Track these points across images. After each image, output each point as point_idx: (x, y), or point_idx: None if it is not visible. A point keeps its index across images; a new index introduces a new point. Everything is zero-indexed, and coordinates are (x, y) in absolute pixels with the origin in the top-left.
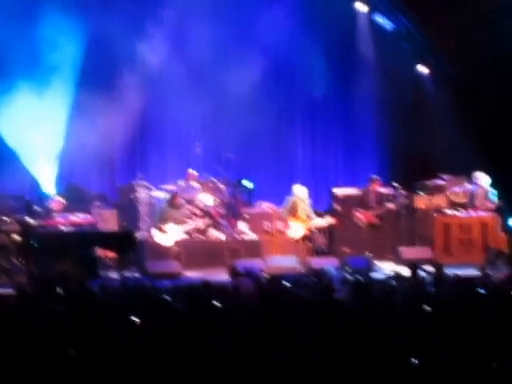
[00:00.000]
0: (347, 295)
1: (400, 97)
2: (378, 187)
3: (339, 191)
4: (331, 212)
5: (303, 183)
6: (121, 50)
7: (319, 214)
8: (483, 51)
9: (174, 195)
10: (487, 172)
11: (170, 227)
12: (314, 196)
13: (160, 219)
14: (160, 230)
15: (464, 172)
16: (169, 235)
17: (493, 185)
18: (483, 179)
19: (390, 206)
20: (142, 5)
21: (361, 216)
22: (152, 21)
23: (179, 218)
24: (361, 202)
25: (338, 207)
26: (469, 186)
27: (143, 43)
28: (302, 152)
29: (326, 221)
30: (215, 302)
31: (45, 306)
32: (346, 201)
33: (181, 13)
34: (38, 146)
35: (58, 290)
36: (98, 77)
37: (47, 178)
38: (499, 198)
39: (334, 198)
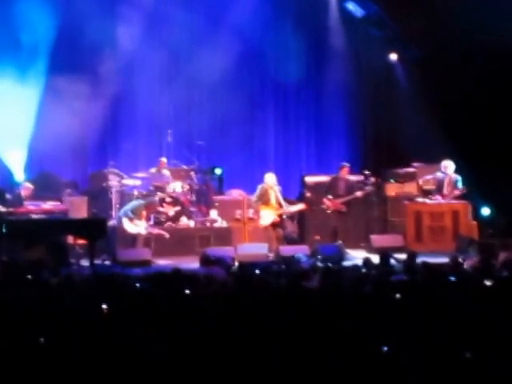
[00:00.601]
0: (317, 282)
1: (371, 83)
2: (346, 174)
3: (310, 179)
4: (302, 199)
5: (274, 170)
6: (94, 35)
7: (290, 202)
8: (453, 36)
9: (153, 203)
10: (456, 159)
11: (141, 223)
12: (285, 183)
13: (134, 212)
14: (131, 221)
15: (435, 160)
16: (139, 228)
17: (460, 172)
18: (451, 167)
19: (358, 193)
20: None
21: (328, 203)
22: (125, 4)
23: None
24: (329, 189)
25: (308, 195)
26: (438, 174)
27: (116, 27)
28: (273, 139)
29: (297, 207)
30: (186, 290)
31: (15, 293)
32: (317, 188)
33: None
34: (9, 132)
35: (29, 276)
36: (70, 61)
37: (18, 165)
38: (464, 185)
39: (305, 185)
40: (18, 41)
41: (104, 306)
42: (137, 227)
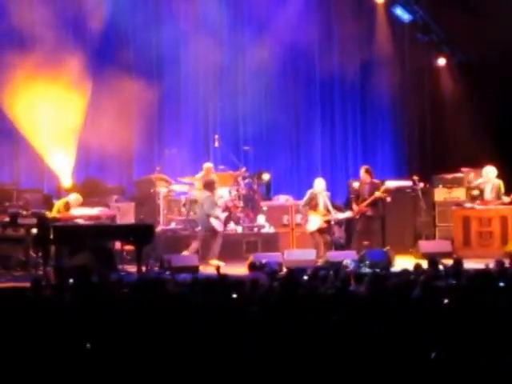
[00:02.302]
0: (365, 288)
1: (418, 88)
2: (368, 177)
3: (356, 184)
4: (349, 205)
5: (322, 176)
6: (140, 38)
7: (338, 208)
8: (500, 40)
9: (208, 182)
10: (503, 164)
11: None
12: (332, 188)
13: (211, 208)
14: (217, 218)
15: (483, 165)
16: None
17: (508, 177)
18: (493, 173)
19: (377, 193)
20: None
21: (355, 208)
22: (171, 10)
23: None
24: (356, 194)
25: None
26: (482, 180)
27: (162, 30)
28: (320, 144)
29: (345, 215)
30: (233, 295)
31: (64, 299)
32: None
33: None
34: (56, 138)
35: (77, 282)
36: (116, 65)
37: (65, 171)
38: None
39: (352, 190)
40: (65, 42)
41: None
42: (219, 219)
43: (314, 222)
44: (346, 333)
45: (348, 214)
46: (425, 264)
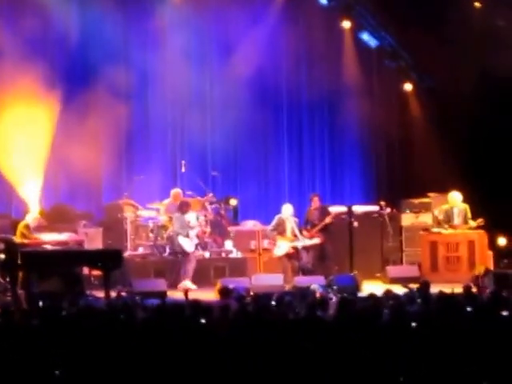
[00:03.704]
0: (332, 313)
1: (385, 114)
2: (318, 203)
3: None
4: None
5: (290, 201)
6: (105, 66)
7: (309, 231)
8: (465, 65)
9: (183, 203)
10: (470, 189)
11: (191, 234)
12: (300, 215)
13: (180, 228)
14: (187, 236)
15: (450, 190)
16: (191, 242)
17: (475, 202)
18: (459, 198)
19: (327, 220)
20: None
21: (306, 234)
22: (134, 36)
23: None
24: (307, 220)
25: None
26: (446, 206)
27: (126, 59)
28: (287, 170)
29: (313, 241)
30: (202, 320)
31: (31, 324)
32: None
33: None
34: (23, 164)
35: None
36: (83, 90)
37: (33, 197)
38: (480, 216)
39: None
40: (32, 68)
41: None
42: (192, 240)
43: (282, 247)
44: (315, 358)
45: (315, 241)
46: (394, 289)
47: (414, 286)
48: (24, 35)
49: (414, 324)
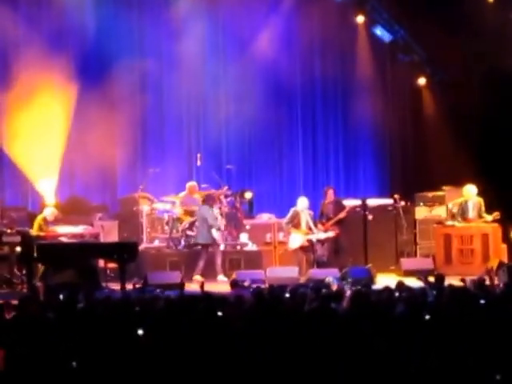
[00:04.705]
0: (346, 305)
1: (399, 108)
2: (332, 196)
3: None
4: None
5: (304, 194)
6: (121, 58)
7: (324, 224)
8: (479, 60)
9: (210, 197)
10: (484, 182)
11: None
12: (315, 208)
13: (214, 220)
14: (219, 229)
15: (464, 183)
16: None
17: (489, 195)
18: (473, 191)
19: (341, 214)
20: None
21: (320, 227)
22: (150, 30)
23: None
24: (321, 214)
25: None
26: (463, 199)
27: (142, 52)
28: (302, 163)
29: (327, 234)
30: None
31: (48, 317)
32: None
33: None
34: (40, 156)
35: (62, 299)
36: (99, 83)
37: (49, 189)
38: (495, 209)
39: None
40: (49, 61)
41: (140, 332)
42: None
43: (297, 239)
44: (330, 349)
45: (330, 234)
46: (408, 281)
47: (430, 278)
48: (40, 28)
49: (427, 316)
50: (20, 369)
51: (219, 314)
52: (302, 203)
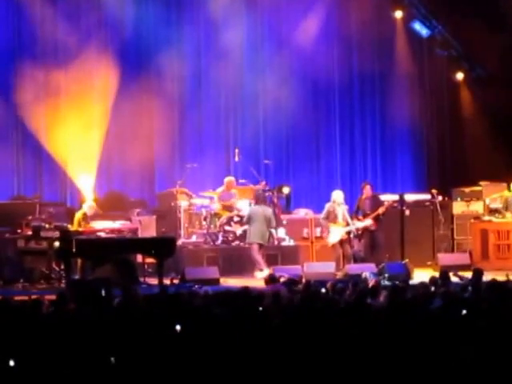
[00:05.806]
0: (383, 300)
1: (436, 103)
2: (369, 192)
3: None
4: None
5: (342, 188)
6: (159, 54)
7: (359, 219)
8: None
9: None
10: None
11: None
12: (351, 202)
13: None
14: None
15: (502, 178)
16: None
17: None
18: None
19: (380, 210)
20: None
21: (360, 223)
22: (188, 25)
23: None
24: (357, 209)
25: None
26: (505, 193)
27: (180, 48)
28: (339, 159)
29: (365, 223)
30: (256, 308)
31: (86, 312)
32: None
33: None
34: (78, 152)
35: (96, 296)
36: (136, 78)
37: (87, 185)
38: None
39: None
40: (88, 58)
41: (178, 327)
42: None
43: (336, 233)
44: (364, 345)
45: (367, 223)
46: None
47: (466, 274)
48: (79, 21)
49: (464, 311)
50: (58, 364)
51: (259, 309)
52: (337, 197)
